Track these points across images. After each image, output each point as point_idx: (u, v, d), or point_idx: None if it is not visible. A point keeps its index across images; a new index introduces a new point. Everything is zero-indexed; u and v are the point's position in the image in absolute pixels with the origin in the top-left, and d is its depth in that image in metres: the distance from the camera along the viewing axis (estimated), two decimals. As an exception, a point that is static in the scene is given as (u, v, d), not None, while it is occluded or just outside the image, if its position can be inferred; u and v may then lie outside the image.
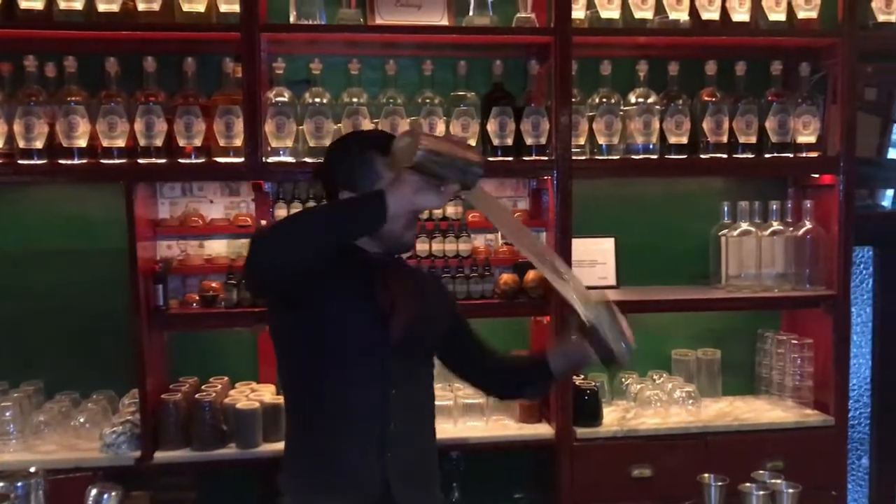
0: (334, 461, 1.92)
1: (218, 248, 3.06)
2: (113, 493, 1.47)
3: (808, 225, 3.15)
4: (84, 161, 2.73)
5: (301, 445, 1.99)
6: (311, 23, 2.85)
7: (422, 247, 2.98)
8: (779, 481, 1.75)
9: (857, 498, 3.58)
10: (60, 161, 2.72)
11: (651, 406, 3.09)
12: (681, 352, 3.33)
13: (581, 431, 2.94)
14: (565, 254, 2.91)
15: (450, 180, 1.69)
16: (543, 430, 2.98)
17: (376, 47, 3.02)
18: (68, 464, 2.67)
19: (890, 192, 3.58)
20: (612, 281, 3.25)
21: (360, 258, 1.95)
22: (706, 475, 1.78)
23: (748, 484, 1.75)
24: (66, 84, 2.76)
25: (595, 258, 3.26)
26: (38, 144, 2.70)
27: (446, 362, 2.18)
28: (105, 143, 2.73)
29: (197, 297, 2.88)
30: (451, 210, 3.07)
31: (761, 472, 1.81)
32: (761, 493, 1.71)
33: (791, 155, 3.07)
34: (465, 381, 2.29)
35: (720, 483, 1.76)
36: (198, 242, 3.06)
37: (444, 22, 2.95)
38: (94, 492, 1.47)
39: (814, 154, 3.09)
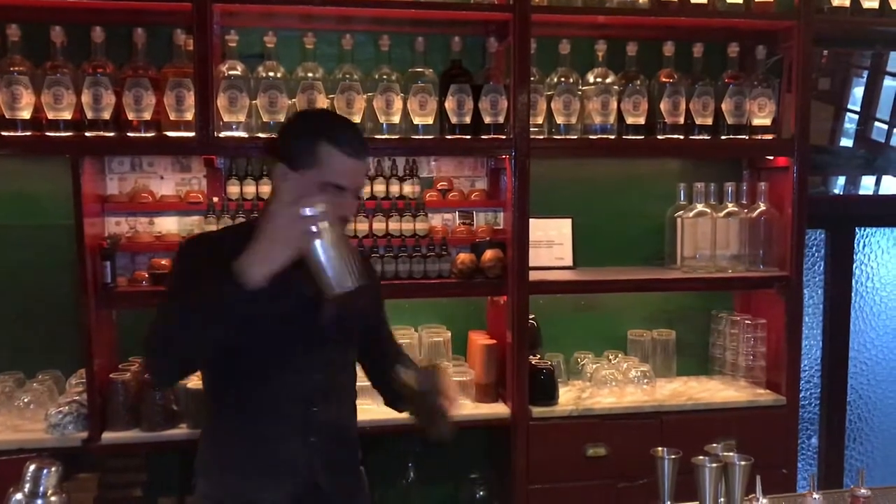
0: (257, 445, 1.88)
1: (168, 225, 2.98)
2: (52, 469, 1.41)
3: (763, 207, 3.18)
4: (28, 133, 2.64)
5: (222, 427, 1.93)
6: (265, -6, 2.79)
7: (378, 226, 2.95)
8: (731, 454, 1.76)
9: (806, 476, 3.64)
10: (3, 133, 2.63)
11: (606, 386, 3.11)
12: (636, 332, 3.35)
13: (537, 411, 2.94)
14: (522, 234, 2.90)
15: None
16: (499, 409, 2.97)
17: (332, 21, 2.97)
18: (12, 445, 2.60)
19: (842, 180, 3.64)
20: (568, 261, 3.25)
21: None
22: (660, 448, 1.79)
23: (701, 457, 1.75)
24: (9, 53, 2.66)
25: (552, 239, 3.25)
26: (-21, 115, 2.61)
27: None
28: (50, 116, 2.65)
29: (146, 275, 2.81)
30: (409, 189, 3.04)
31: (714, 445, 1.81)
32: (714, 465, 1.72)
33: (746, 137, 3.09)
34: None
35: (673, 456, 1.77)
36: (148, 219, 2.98)
37: (402, -3, 2.91)
38: (32, 467, 1.41)
39: (769, 136, 3.11)
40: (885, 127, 3.64)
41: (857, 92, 3.57)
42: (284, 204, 1.64)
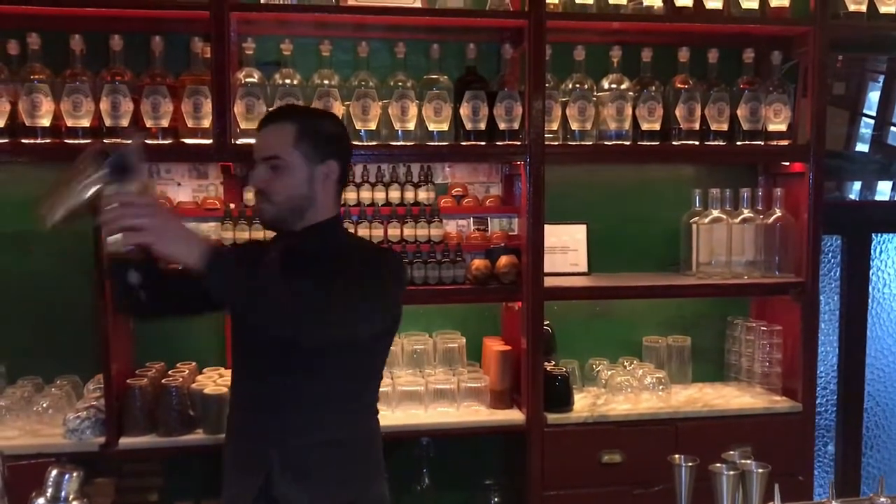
0: (229, 450, 2.00)
1: (185, 231, 3.00)
2: (74, 474, 1.43)
3: (778, 213, 3.17)
4: (48, 140, 2.67)
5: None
6: (281, 2, 2.81)
7: (393, 232, 2.96)
8: (749, 461, 1.75)
9: (824, 484, 3.62)
10: (23, 140, 2.66)
11: (622, 392, 3.10)
12: (651, 338, 3.34)
13: (552, 417, 2.93)
14: (537, 240, 2.91)
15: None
16: (514, 415, 2.97)
17: (348, 29, 2.98)
18: (30, 450, 2.61)
19: (857, 185, 3.62)
20: (583, 268, 3.25)
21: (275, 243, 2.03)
22: (677, 456, 1.78)
23: (718, 464, 1.75)
24: (30, 62, 2.69)
25: (567, 245, 3.26)
26: (0, 123, 2.63)
27: None
28: (70, 123, 2.68)
29: (164, 281, 2.82)
30: (424, 195, 3.05)
31: (731, 452, 1.81)
32: (731, 472, 1.71)
33: (762, 143, 3.09)
34: None
35: (691, 463, 1.76)
36: (165, 225, 3.00)
37: (418, 4, 2.92)
38: (54, 472, 1.43)
39: (784, 142, 3.11)
40: (902, 132, 3.63)
41: (873, 96, 3.56)
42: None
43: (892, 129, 3.61)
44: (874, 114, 3.56)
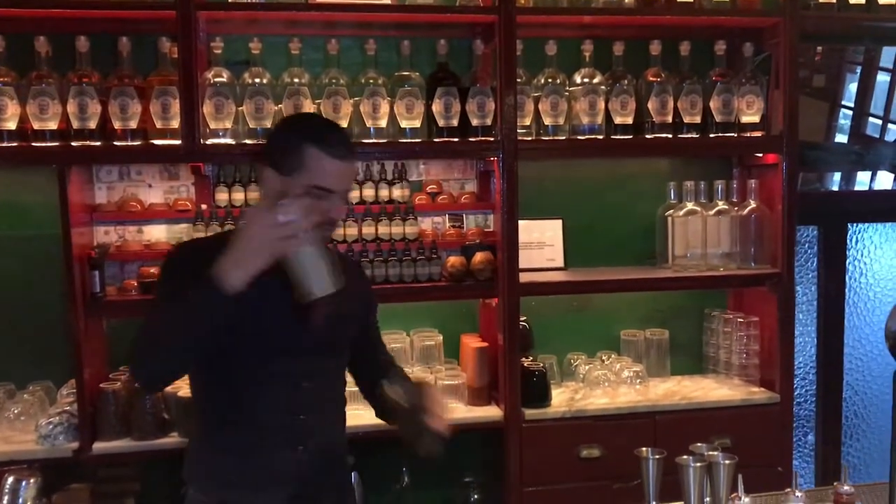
0: (248, 455, 1.88)
1: (157, 233, 2.98)
2: (31, 481, 1.41)
3: (753, 204, 3.17)
4: (14, 144, 2.64)
5: (211, 438, 1.92)
6: (249, 1, 2.79)
7: (368, 230, 2.94)
8: (715, 453, 1.75)
9: (804, 474, 3.63)
10: (-12, 144, 2.63)
11: (600, 386, 3.10)
12: (629, 332, 3.34)
13: (530, 413, 2.93)
14: (511, 236, 2.90)
15: None
16: (492, 412, 2.97)
17: (318, 26, 2.96)
18: (2, 457, 2.59)
19: (837, 176, 3.64)
20: (559, 263, 3.25)
21: None
22: (644, 449, 1.78)
23: (685, 456, 1.75)
24: (-6, 64, 2.67)
25: (543, 240, 3.25)
26: (-35, 127, 2.61)
27: None
28: (36, 126, 2.65)
29: (136, 284, 2.81)
30: (398, 193, 3.04)
31: (699, 444, 1.81)
32: (698, 464, 1.71)
33: (735, 134, 3.09)
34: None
35: (657, 456, 1.76)
36: (136, 228, 2.98)
37: (388, 0, 2.90)
38: (10, 480, 1.41)
39: (757, 133, 3.11)
40: (879, 122, 3.64)
41: (852, 87, 3.58)
42: (261, 209, 1.65)
43: (870, 119, 3.63)
44: (853, 105, 3.57)
